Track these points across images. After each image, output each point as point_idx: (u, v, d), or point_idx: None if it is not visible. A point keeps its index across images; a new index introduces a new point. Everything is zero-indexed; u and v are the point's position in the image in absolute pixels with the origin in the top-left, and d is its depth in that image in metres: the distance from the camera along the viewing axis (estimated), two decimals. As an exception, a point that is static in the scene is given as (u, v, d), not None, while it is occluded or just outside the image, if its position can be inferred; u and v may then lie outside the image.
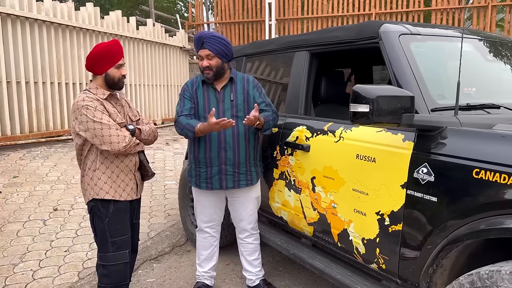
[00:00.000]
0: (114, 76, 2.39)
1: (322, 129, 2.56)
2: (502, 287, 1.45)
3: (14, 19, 6.50)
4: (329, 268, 2.50)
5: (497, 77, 2.49)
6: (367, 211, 2.18)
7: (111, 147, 2.30)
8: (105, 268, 2.40)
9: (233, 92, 2.68)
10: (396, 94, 1.91)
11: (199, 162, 2.72)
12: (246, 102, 2.69)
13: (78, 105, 2.30)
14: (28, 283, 3.06)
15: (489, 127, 1.88)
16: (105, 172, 2.39)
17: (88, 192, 2.41)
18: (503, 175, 1.59)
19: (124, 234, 2.44)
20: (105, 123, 2.29)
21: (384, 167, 2.08)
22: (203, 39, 2.59)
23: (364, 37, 2.39)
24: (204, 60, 2.62)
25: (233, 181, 2.70)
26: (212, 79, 2.65)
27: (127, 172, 2.45)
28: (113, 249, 2.39)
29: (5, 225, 3.98)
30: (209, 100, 2.67)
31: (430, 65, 2.22)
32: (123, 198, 2.44)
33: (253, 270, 3.02)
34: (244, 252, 3.01)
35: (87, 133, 2.29)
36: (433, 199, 1.83)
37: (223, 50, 2.60)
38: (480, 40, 2.55)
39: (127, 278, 2.48)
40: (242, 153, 2.68)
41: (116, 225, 2.41)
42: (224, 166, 2.66)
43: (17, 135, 6.59)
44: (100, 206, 2.39)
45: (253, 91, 2.71)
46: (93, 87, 2.40)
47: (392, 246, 2.05)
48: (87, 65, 2.41)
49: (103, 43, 2.42)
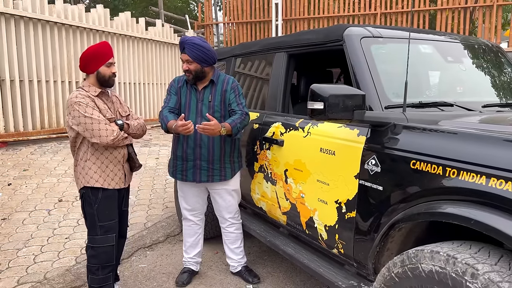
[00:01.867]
0: (105, 74, 2.61)
1: (294, 125, 2.75)
2: (424, 263, 1.63)
3: (27, 21, 6.84)
4: (299, 254, 2.70)
5: (454, 77, 2.65)
6: (328, 200, 2.37)
7: (100, 140, 2.52)
8: (93, 249, 2.64)
9: (212, 93, 2.88)
10: (348, 92, 2.09)
11: (176, 156, 2.95)
12: (223, 103, 2.89)
13: (71, 101, 2.53)
14: (29, 265, 3.33)
15: (434, 123, 2.05)
16: (95, 163, 2.62)
17: (80, 180, 2.65)
18: (433, 166, 1.77)
19: (111, 219, 2.67)
20: (95, 118, 2.51)
21: (341, 159, 2.27)
22: (184, 44, 2.80)
23: (331, 40, 2.58)
24: (184, 64, 2.83)
25: (207, 175, 2.91)
26: (191, 82, 2.87)
27: (115, 163, 2.69)
28: (101, 232, 2.63)
29: (12, 214, 4.28)
30: (190, 99, 2.89)
31: (387, 65, 2.39)
32: (111, 186, 2.67)
33: (235, 258, 3.23)
34: (227, 240, 3.22)
35: (79, 127, 2.52)
36: (379, 188, 2.02)
37: (201, 57, 2.80)
38: (442, 42, 2.70)
39: (113, 260, 2.71)
40: (216, 150, 2.88)
41: (104, 211, 2.64)
42: (199, 162, 2.88)
43: (29, 131, 6.94)
44: (90, 193, 2.62)
45: (230, 91, 2.90)
46: (86, 85, 2.63)
47: (348, 232, 2.24)
48: (81, 65, 2.64)
49: (94, 44, 2.64)
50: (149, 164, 6.51)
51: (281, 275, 3.32)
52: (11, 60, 6.62)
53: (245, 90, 3.58)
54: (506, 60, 3.00)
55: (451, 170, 1.69)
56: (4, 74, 6.52)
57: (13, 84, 6.68)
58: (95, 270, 2.63)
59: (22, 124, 6.83)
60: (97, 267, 2.63)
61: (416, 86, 2.41)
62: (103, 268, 2.64)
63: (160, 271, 3.42)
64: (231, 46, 4.03)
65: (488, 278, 1.42)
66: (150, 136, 8.63)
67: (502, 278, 1.41)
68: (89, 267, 2.65)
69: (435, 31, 2.93)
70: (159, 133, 8.96)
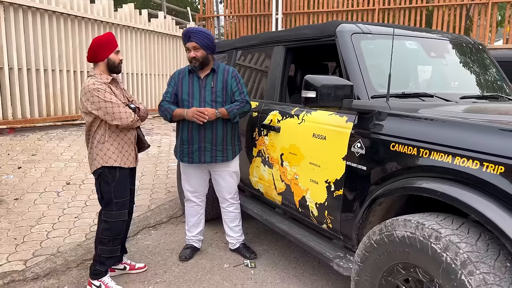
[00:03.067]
0: (114, 60, 2.85)
1: (290, 113, 3.00)
2: (398, 230, 1.89)
3: (34, 11, 7.05)
4: (292, 230, 2.97)
5: (436, 71, 2.90)
6: (319, 180, 2.63)
7: (121, 122, 2.76)
8: (107, 223, 2.88)
9: (213, 80, 3.13)
10: (338, 83, 2.35)
11: (182, 140, 3.19)
12: (225, 89, 3.14)
13: (89, 88, 2.73)
14: (42, 240, 3.60)
15: (413, 111, 2.30)
16: (112, 144, 2.85)
17: (97, 161, 2.85)
18: (409, 147, 2.03)
19: (125, 197, 2.92)
20: (115, 102, 2.75)
21: (331, 144, 2.53)
22: (190, 33, 3.05)
23: (325, 35, 2.82)
24: (192, 52, 3.07)
25: (211, 156, 3.17)
26: (198, 68, 3.11)
27: (129, 144, 2.94)
28: (116, 208, 2.87)
29: (24, 195, 4.54)
30: (193, 87, 3.13)
31: (375, 59, 2.64)
32: (127, 165, 2.91)
33: (234, 235, 3.50)
34: (226, 219, 3.48)
35: (99, 111, 2.73)
36: (363, 168, 2.28)
37: (207, 43, 3.06)
38: (427, 39, 2.95)
39: (123, 233, 2.97)
40: (219, 133, 3.13)
41: (120, 188, 2.88)
42: (203, 144, 3.13)
43: (36, 118, 7.18)
44: (107, 173, 2.85)
45: (231, 80, 3.15)
46: (97, 73, 2.85)
47: (336, 208, 2.50)
48: (89, 55, 2.84)
49: (101, 35, 2.87)
50: (151, 152, 6.76)
51: (276, 252, 3.59)
52: (19, 49, 6.84)
53: (245, 81, 3.82)
54: (488, 57, 3.25)
55: (424, 150, 1.95)
56: (12, 63, 6.74)
57: (21, 73, 6.91)
58: (107, 241, 2.88)
59: (29, 111, 7.07)
60: (109, 239, 2.88)
61: (400, 78, 2.67)
62: (114, 240, 2.89)
63: (164, 248, 3.69)
64: (232, 39, 4.26)
65: (449, 240, 1.68)
66: (152, 125, 8.88)
67: (460, 240, 1.68)
68: (101, 238, 2.89)
69: (422, 28, 3.18)
70: (160, 122, 9.21)
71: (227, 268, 3.30)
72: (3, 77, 6.64)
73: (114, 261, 2.98)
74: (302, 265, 3.36)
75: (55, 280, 3.06)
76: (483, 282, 1.55)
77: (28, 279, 3.03)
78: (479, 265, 1.59)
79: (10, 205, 4.27)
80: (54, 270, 3.17)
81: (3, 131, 6.61)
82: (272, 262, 3.41)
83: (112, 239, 2.89)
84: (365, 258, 2.09)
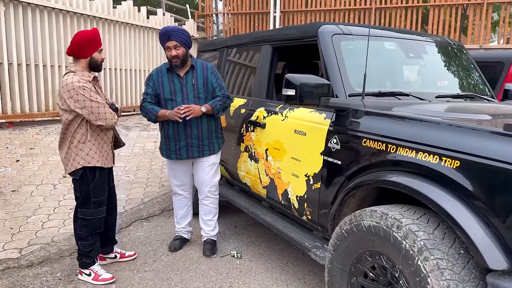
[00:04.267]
0: (97, 59, 2.88)
1: (275, 110, 3.13)
2: (365, 220, 2.02)
3: (34, 8, 7.18)
4: (275, 222, 3.10)
5: (414, 70, 3.02)
6: (299, 174, 2.76)
7: (105, 122, 2.79)
8: (85, 221, 2.94)
9: (194, 77, 3.24)
10: (316, 82, 2.47)
11: (168, 137, 3.29)
12: (205, 85, 3.26)
13: (73, 86, 2.69)
14: (38, 230, 3.74)
15: (388, 109, 2.43)
16: (94, 144, 2.87)
17: (77, 162, 2.83)
18: (379, 143, 2.15)
19: (104, 194, 3.00)
20: (100, 102, 2.77)
21: (310, 139, 2.66)
22: (169, 32, 3.15)
23: (308, 35, 2.94)
24: (173, 50, 3.16)
25: (198, 151, 3.29)
26: (179, 66, 3.21)
27: (108, 144, 3.00)
28: (95, 206, 2.93)
29: (21, 187, 4.68)
30: (174, 85, 3.24)
31: (354, 59, 2.76)
32: (106, 165, 2.97)
33: (205, 228, 3.55)
34: (201, 212, 3.56)
35: (83, 110, 2.73)
36: (338, 162, 2.41)
37: (186, 40, 3.19)
38: (407, 40, 3.07)
39: (102, 228, 3.04)
40: (204, 128, 3.25)
41: (99, 188, 2.94)
42: (190, 140, 3.25)
43: (35, 113, 7.32)
44: (87, 173, 2.87)
45: (211, 76, 3.27)
46: (79, 70, 2.82)
47: (314, 200, 2.64)
48: (71, 49, 2.80)
49: (85, 30, 2.85)
50: (147, 147, 6.91)
51: (262, 244, 3.73)
52: (18, 45, 6.97)
53: (235, 78, 3.95)
54: (467, 58, 3.38)
55: (392, 146, 2.08)
56: (12, 58, 6.87)
57: (20, 68, 7.04)
58: (86, 237, 2.95)
59: (28, 106, 7.20)
60: (88, 234, 2.95)
61: (378, 78, 2.80)
62: (92, 235, 2.98)
63: (155, 239, 3.83)
64: (224, 38, 4.39)
65: (408, 229, 1.81)
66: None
67: (419, 228, 1.81)
68: (80, 234, 2.96)
69: (403, 30, 3.30)
70: (158, 118, 9.33)
71: (214, 258, 3.44)
72: (2, 72, 6.78)
73: (96, 251, 3.06)
74: (286, 256, 3.50)
75: (48, 268, 3.20)
76: (436, 267, 1.68)
77: (22, 266, 3.17)
78: (434, 251, 1.72)
79: (7, 196, 4.41)
80: (48, 258, 3.31)
81: (3, 125, 6.75)
82: (258, 253, 3.54)
83: (91, 234, 2.97)
84: (336, 246, 2.22)
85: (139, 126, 8.26)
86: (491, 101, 3.06)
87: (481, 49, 9.50)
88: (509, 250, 1.62)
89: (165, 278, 3.09)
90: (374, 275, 2.08)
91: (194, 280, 3.07)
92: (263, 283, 3.06)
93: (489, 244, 1.64)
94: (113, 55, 8.87)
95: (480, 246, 1.63)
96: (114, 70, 8.98)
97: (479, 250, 1.62)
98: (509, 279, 1.58)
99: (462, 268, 1.70)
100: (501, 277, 1.60)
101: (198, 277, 3.11)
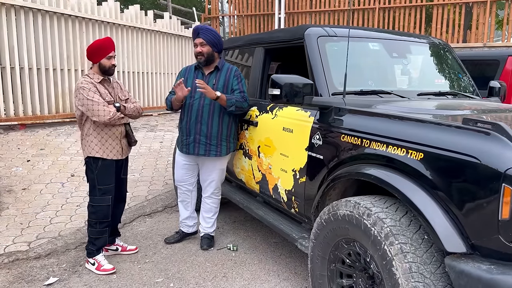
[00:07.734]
0: (105, 65, 3.15)
1: (266, 109, 3.30)
2: (340, 209, 2.17)
3: (44, 14, 7.45)
4: (267, 215, 3.26)
5: (397, 70, 3.16)
6: (287, 169, 2.92)
7: (98, 119, 3.07)
8: (93, 207, 3.21)
9: (216, 78, 3.39)
10: (300, 81, 2.63)
11: (181, 131, 3.48)
12: (226, 87, 3.37)
13: (77, 86, 3.10)
14: (46, 225, 3.95)
15: (368, 107, 2.57)
16: (96, 137, 3.17)
17: (84, 151, 3.23)
18: (354, 138, 2.30)
19: (108, 184, 3.22)
20: (95, 101, 3.05)
21: (297, 136, 2.81)
22: (199, 30, 3.34)
23: (295, 38, 3.10)
24: (198, 47, 3.35)
25: (204, 149, 3.40)
26: (203, 63, 3.38)
27: (114, 138, 3.23)
28: (100, 194, 3.19)
29: (31, 185, 4.91)
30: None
31: (338, 60, 2.90)
32: (109, 157, 3.21)
33: (204, 225, 3.72)
34: (202, 208, 3.72)
35: (83, 107, 3.08)
36: (320, 157, 2.56)
37: (213, 40, 3.33)
38: (391, 40, 3.21)
39: (109, 217, 3.26)
40: (214, 128, 3.36)
41: (102, 176, 3.20)
42: (198, 136, 3.38)
43: (45, 115, 7.60)
44: (91, 162, 3.20)
45: (233, 79, 3.39)
46: (91, 73, 3.19)
47: (300, 194, 2.79)
48: (87, 55, 3.18)
49: (99, 39, 3.19)
50: (153, 147, 7.11)
51: (258, 238, 3.89)
52: (29, 49, 7.25)
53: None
54: (452, 57, 3.49)
55: (366, 141, 2.23)
56: (23, 63, 7.15)
57: (31, 72, 7.32)
58: (94, 224, 3.21)
59: (39, 108, 7.48)
60: (95, 222, 3.20)
61: (361, 77, 2.94)
62: (100, 223, 3.21)
63: (156, 233, 4.01)
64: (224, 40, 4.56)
65: (377, 216, 1.96)
66: (156, 122, 9.24)
67: (387, 216, 1.95)
68: (89, 221, 3.24)
69: (389, 30, 3.43)
70: (165, 119, 9.57)
71: (211, 250, 3.61)
72: (14, 76, 7.05)
73: (103, 242, 3.28)
74: (280, 249, 3.66)
75: (55, 259, 3.40)
76: (400, 250, 1.83)
77: (31, 258, 3.38)
78: (399, 237, 1.87)
79: (18, 194, 4.64)
80: (54, 250, 3.52)
81: (15, 127, 7.02)
82: (253, 246, 3.70)
83: (99, 222, 3.21)
84: (317, 235, 2.38)
85: (146, 127, 8.49)
86: (473, 98, 3.18)
87: (485, 47, 9.54)
88: (467, 235, 1.76)
89: (163, 269, 3.28)
90: (350, 261, 2.22)
91: (191, 270, 3.25)
92: (256, 273, 3.22)
93: (448, 230, 1.78)
94: (121, 58, 9.11)
95: (439, 231, 1.77)
96: (122, 73, 9.22)
97: (438, 235, 1.76)
98: (465, 261, 1.72)
99: (425, 252, 1.84)
100: (457, 259, 1.74)
101: (194, 268, 3.29)
